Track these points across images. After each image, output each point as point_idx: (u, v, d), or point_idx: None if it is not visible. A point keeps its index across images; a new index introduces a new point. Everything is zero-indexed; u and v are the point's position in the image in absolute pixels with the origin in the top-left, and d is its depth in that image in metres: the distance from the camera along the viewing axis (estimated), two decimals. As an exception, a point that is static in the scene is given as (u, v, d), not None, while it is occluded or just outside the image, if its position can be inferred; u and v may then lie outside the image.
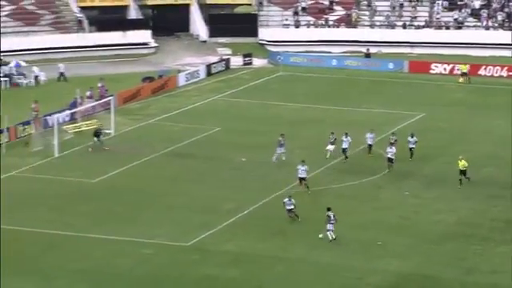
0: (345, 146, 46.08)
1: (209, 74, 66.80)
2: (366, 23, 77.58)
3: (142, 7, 76.82)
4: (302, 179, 41.81)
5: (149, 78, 62.96)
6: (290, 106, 58.62)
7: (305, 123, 54.12)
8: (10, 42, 67.92)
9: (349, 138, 46.25)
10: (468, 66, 66.18)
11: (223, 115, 56.03)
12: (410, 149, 46.16)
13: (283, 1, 78.91)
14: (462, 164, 42.81)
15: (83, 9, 73.88)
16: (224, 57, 70.89)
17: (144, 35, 73.55)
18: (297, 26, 77.00)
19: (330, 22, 77.27)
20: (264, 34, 76.22)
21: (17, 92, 60.21)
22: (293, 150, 48.64)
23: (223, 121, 54.29)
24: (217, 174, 44.78)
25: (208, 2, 78.65)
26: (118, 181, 43.68)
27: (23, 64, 63.28)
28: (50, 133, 48.51)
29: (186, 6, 78.15)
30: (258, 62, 71.34)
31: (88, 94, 56.01)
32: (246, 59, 70.86)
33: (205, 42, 76.64)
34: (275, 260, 35.11)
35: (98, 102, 54.89)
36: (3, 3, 71.19)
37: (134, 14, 75.97)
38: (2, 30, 69.50)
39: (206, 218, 39.12)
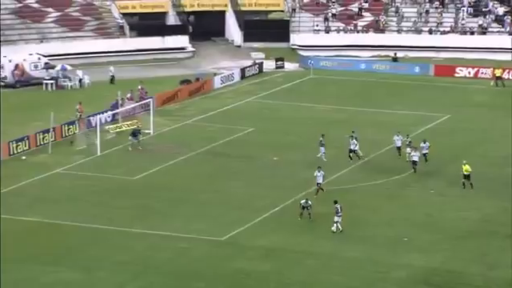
0: (352, 147, 45.36)
1: (243, 76, 66.81)
2: (394, 29, 77.12)
3: (180, 13, 77.05)
4: (319, 184, 40.97)
5: (186, 81, 63.12)
6: (320, 108, 58.45)
7: (334, 124, 53.90)
8: (56, 47, 68.51)
9: (355, 140, 45.62)
10: (501, 70, 65.48)
11: (256, 116, 56.00)
12: (424, 154, 45.10)
13: (314, 8, 78.72)
14: (466, 169, 41.76)
15: (124, 15, 74.28)
16: (257, 61, 70.85)
17: (182, 40, 73.75)
18: (327, 31, 76.76)
19: (359, 28, 76.91)
20: (296, 39, 76.09)
21: (62, 94, 60.68)
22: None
23: (256, 121, 54.26)
24: (250, 172, 44.77)
25: (243, 8, 78.67)
26: (156, 178, 43.83)
27: (68, 67, 63.73)
28: (93, 132, 48.80)
29: (222, 13, 78.26)
30: (289, 66, 71.22)
31: (128, 95, 56.32)
32: (279, 63, 70.76)
33: (239, 46, 76.67)
34: (305, 255, 35.04)
35: (138, 104, 55.15)
36: (50, 10, 71.82)
37: (172, 20, 76.22)
38: (49, 35, 70.11)
39: (240, 214, 39.14)
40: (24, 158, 46.55)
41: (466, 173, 41.75)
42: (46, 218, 38.44)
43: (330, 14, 77.82)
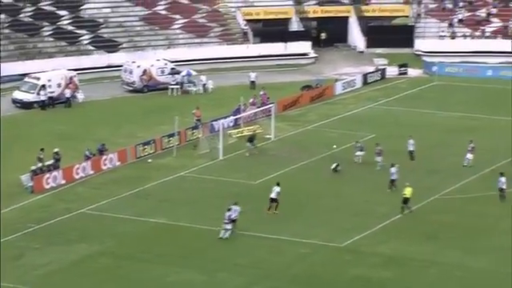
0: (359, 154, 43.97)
1: (365, 83, 66.30)
2: (523, 34, 74.64)
3: (304, 19, 77.25)
4: (273, 200, 39.59)
5: (307, 87, 63.24)
6: (444, 115, 57.26)
7: (458, 131, 52.67)
8: (182, 53, 70.07)
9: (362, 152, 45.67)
10: None
11: (378, 122, 55.43)
12: (501, 189, 40.97)
13: (440, 13, 77.23)
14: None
15: (249, 21, 75.18)
16: (380, 67, 70.13)
17: (304, 46, 73.93)
18: (453, 37, 75.14)
19: (487, 34, 74.86)
20: (420, 44, 74.87)
21: (186, 98, 61.83)
22: (446, 157, 47.60)
23: (378, 128, 53.70)
24: (371, 179, 44.35)
25: (366, 14, 78.11)
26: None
27: (193, 73, 65.03)
28: (216, 137, 49.56)
29: (345, 18, 77.99)
30: (413, 72, 70.11)
31: (251, 101, 56.96)
32: (402, 69, 69.78)
33: (362, 52, 76.14)
34: (428, 263, 34.42)
35: (260, 109, 55.70)
36: (177, 17, 73.59)
37: (295, 26, 76.53)
38: (175, 41, 71.84)
39: (360, 220, 38.86)
40: (150, 160, 47.86)
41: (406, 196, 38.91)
42: (170, 219, 39.40)
43: (456, 20, 76.14)
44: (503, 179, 40.77)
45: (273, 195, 39.69)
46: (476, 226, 37.94)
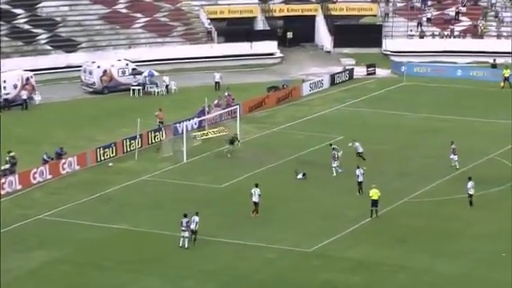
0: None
1: (332, 83, 66.58)
2: (493, 34, 75.51)
3: (269, 18, 77.38)
4: (255, 203, 39.80)
5: (274, 88, 63.33)
6: (413, 116, 57.71)
7: (428, 132, 53.15)
8: (144, 53, 69.77)
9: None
10: (509, 71, 64.37)
11: (346, 124, 55.68)
12: (470, 195, 40.93)
13: (408, 12, 77.85)
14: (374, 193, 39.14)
15: (212, 20, 75.09)
16: (348, 67, 70.48)
17: (270, 46, 74.05)
18: (421, 36, 75.79)
19: (456, 33, 75.62)
20: (388, 44, 75.39)
21: (149, 100, 61.61)
22: (413, 158, 47.96)
23: (346, 129, 53.91)
24: (340, 181, 44.51)
25: (333, 13, 78.45)
26: (244, 186, 43.92)
27: (155, 73, 64.76)
28: (180, 139, 49.42)
29: (312, 18, 78.25)
30: (381, 73, 70.58)
31: (216, 102, 56.91)
32: (370, 69, 70.20)
33: (329, 52, 76.46)
34: (397, 268, 34.64)
35: (224, 110, 55.65)
36: (138, 15, 73.27)
37: (261, 25, 76.61)
38: (137, 41, 71.51)
39: (329, 224, 39.00)
40: (111, 164, 47.56)
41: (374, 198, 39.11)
42: (132, 225, 39.17)
43: (424, 19, 76.82)
44: (470, 184, 41.01)
45: (255, 199, 39.58)
46: (445, 230, 38.28)
